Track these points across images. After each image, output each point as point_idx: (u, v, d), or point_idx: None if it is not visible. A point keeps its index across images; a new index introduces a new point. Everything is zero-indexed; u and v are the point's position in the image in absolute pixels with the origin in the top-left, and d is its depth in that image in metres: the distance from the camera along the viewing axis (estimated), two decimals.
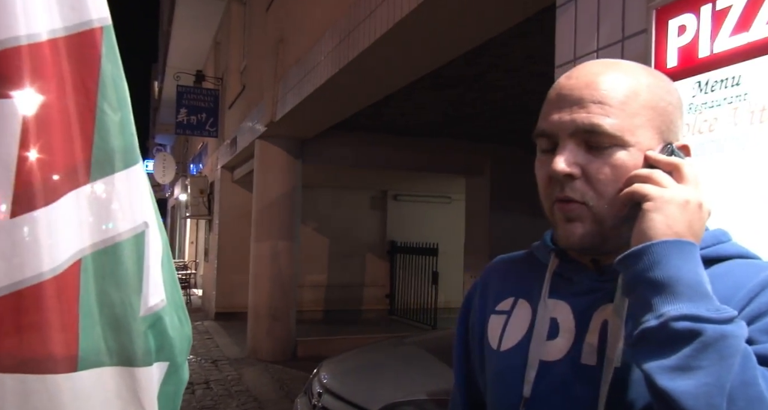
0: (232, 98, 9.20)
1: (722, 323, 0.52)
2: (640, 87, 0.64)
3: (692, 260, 0.56)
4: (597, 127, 0.62)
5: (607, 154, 0.63)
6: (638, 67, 0.67)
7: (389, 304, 10.48)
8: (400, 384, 2.68)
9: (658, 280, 0.55)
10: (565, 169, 0.64)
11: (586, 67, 0.67)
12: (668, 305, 0.54)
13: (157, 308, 1.00)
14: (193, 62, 12.09)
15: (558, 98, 0.67)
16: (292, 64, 5.60)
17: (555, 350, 0.69)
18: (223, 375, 6.00)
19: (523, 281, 0.78)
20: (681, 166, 0.62)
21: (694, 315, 0.53)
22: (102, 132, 0.89)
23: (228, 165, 9.44)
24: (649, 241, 0.57)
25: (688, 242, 0.57)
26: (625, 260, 0.59)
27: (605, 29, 1.67)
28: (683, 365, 0.52)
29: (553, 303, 0.72)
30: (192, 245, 15.79)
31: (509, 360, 0.73)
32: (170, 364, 1.05)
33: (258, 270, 6.81)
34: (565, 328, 0.69)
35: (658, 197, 0.59)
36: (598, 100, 0.63)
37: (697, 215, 0.60)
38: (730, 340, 0.52)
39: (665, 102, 0.65)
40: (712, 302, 0.54)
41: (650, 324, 0.54)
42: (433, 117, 6.34)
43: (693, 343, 0.52)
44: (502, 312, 0.78)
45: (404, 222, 10.71)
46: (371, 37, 3.62)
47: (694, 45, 1.19)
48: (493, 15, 2.99)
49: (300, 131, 6.44)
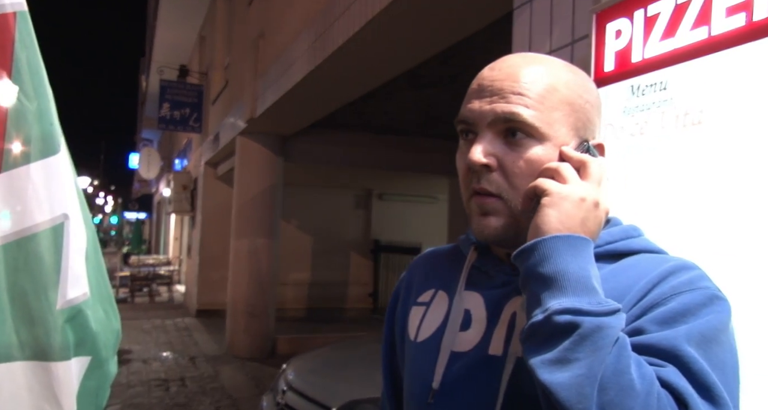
0: (215, 94, 9.15)
1: (600, 315, 0.53)
2: (560, 83, 0.65)
3: (581, 256, 0.57)
4: (516, 115, 0.63)
5: (523, 147, 0.64)
6: (559, 64, 0.68)
7: (372, 303, 10.48)
8: (363, 382, 2.69)
9: (547, 275, 0.57)
10: (481, 159, 0.64)
11: (509, 59, 0.68)
12: (553, 299, 0.55)
13: (77, 301, 1.00)
14: (178, 57, 12.00)
15: (479, 88, 0.67)
16: (271, 60, 5.59)
17: (466, 341, 0.70)
18: (200, 372, 5.98)
19: (446, 273, 0.78)
20: (588, 163, 0.63)
21: (574, 309, 0.54)
22: (15, 121, 0.88)
23: (211, 161, 9.39)
24: (541, 236, 0.58)
25: (580, 238, 0.58)
26: (519, 256, 0.60)
27: (557, 32, 1.68)
28: (561, 358, 0.53)
29: (468, 295, 0.72)
30: (176, 241, 15.69)
31: (423, 351, 0.74)
32: (93, 358, 1.04)
33: (237, 267, 6.78)
34: (477, 320, 0.70)
35: (555, 193, 0.60)
36: (518, 92, 0.64)
37: (593, 212, 0.60)
38: (605, 331, 0.53)
39: (583, 100, 0.66)
40: (595, 296, 0.55)
41: (536, 319, 0.56)
42: (415, 116, 6.35)
43: (571, 336, 0.53)
44: (422, 304, 0.79)
45: (389, 221, 10.71)
46: (346, 34, 3.62)
47: (628, 50, 1.21)
48: (464, 14, 3.00)
49: (280, 127, 6.43)
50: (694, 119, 1.03)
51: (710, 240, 1.01)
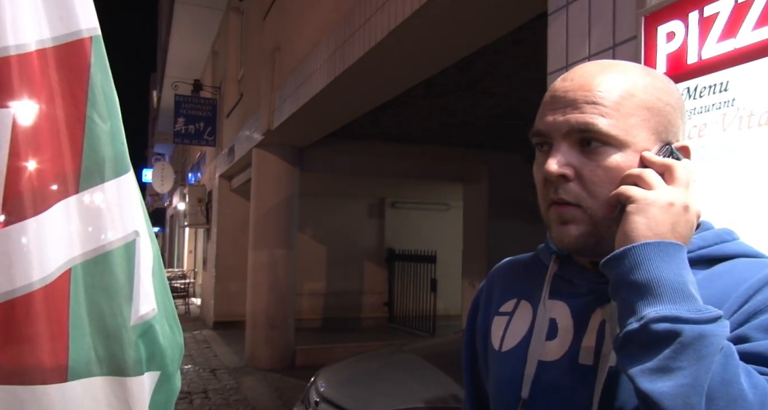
0: (229, 107, 9.23)
1: (701, 323, 0.52)
2: (636, 87, 0.64)
3: (675, 262, 0.56)
4: (591, 126, 0.62)
5: (601, 155, 0.63)
6: (635, 68, 0.67)
7: (388, 312, 10.44)
8: (397, 392, 2.67)
9: (640, 282, 0.55)
10: (557, 170, 0.64)
11: (582, 68, 0.67)
12: (649, 307, 0.54)
13: (148, 317, 1.00)
14: (191, 71, 12.13)
15: (552, 100, 0.67)
16: (288, 72, 5.63)
17: (553, 350, 0.69)
18: (222, 384, 5.97)
19: (527, 283, 0.78)
20: (673, 167, 0.61)
21: (673, 316, 0.52)
22: (92, 141, 0.89)
23: (226, 174, 9.45)
24: (630, 244, 0.57)
25: (671, 244, 0.57)
26: (608, 264, 0.59)
27: (596, 36, 1.68)
28: (663, 367, 0.52)
29: (552, 304, 0.72)
30: (191, 254, 15.76)
31: (509, 361, 0.74)
32: (162, 373, 1.04)
33: (256, 279, 6.79)
34: (564, 329, 0.69)
35: (641, 199, 0.59)
36: (592, 101, 0.63)
37: (683, 217, 0.59)
38: (709, 339, 0.51)
39: (662, 102, 0.65)
40: (693, 303, 0.54)
41: (632, 327, 0.54)
42: (430, 125, 6.36)
43: (672, 344, 0.52)
44: (504, 313, 0.78)
45: (402, 230, 10.70)
46: (366, 45, 3.64)
47: (682, 51, 1.20)
48: (486, 22, 3.01)
49: (297, 139, 6.46)
50: (760, 120, 1.02)
51: None
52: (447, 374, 2.77)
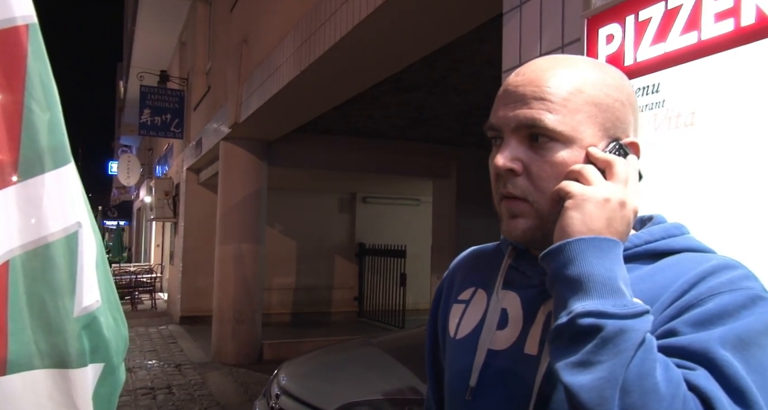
0: (197, 99, 9.09)
1: (624, 318, 0.53)
2: (585, 83, 0.64)
3: (608, 257, 0.57)
4: (538, 121, 0.63)
5: (548, 151, 0.64)
6: (586, 63, 0.67)
7: (357, 306, 10.47)
8: (357, 384, 2.70)
9: (572, 277, 0.57)
10: (506, 164, 0.65)
11: (534, 63, 0.68)
12: (578, 302, 0.55)
13: (92, 308, 1.00)
14: (157, 62, 11.88)
15: (504, 94, 0.67)
16: (255, 65, 5.58)
17: (503, 339, 0.70)
18: (187, 379, 5.92)
19: (485, 272, 0.79)
20: (613, 163, 0.62)
21: (598, 311, 0.53)
22: (30, 131, 0.89)
23: (193, 167, 9.31)
24: (566, 239, 0.59)
25: (605, 239, 0.58)
26: (545, 258, 0.60)
27: (547, 36, 1.73)
28: (584, 360, 0.53)
29: (505, 294, 0.73)
30: (158, 248, 15.49)
31: (462, 348, 0.75)
32: (106, 365, 1.04)
33: (223, 273, 6.74)
34: (514, 319, 0.71)
35: (578, 195, 0.60)
36: (540, 97, 0.63)
37: (618, 213, 0.60)
38: (629, 334, 0.52)
39: (611, 98, 0.65)
40: (620, 299, 0.55)
41: (561, 321, 0.56)
42: (399, 120, 6.39)
43: (595, 339, 0.53)
44: (462, 301, 0.80)
45: (373, 224, 10.72)
46: (332, 39, 3.64)
47: (620, 53, 1.25)
48: (450, 19, 3.05)
49: (265, 132, 6.41)
50: (686, 121, 1.08)
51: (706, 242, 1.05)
52: (407, 366, 2.82)
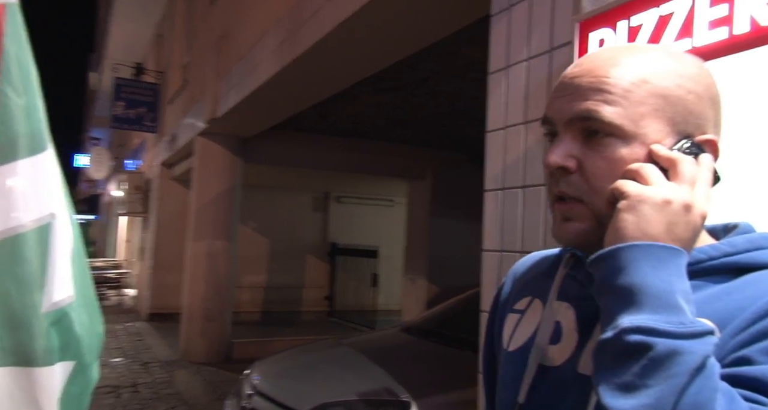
0: (173, 93, 8.92)
1: (679, 338, 0.47)
2: (652, 73, 0.58)
3: (665, 268, 0.50)
4: (594, 113, 0.57)
5: (605, 147, 0.58)
6: (657, 52, 0.60)
7: (329, 306, 10.42)
8: (331, 385, 2.67)
9: (621, 288, 0.51)
10: (557, 161, 0.59)
11: (596, 53, 0.62)
12: (626, 315, 0.49)
13: (63, 304, 0.95)
14: (133, 54, 11.63)
15: (560, 86, 0.62)
16: (235, 61, 5.49)
17: (556, 355, 0.65)
18: (153, 377, 5.78)
19: (542, 280, 0.73)
20: (677, 161, 0.55)
21: (648, 328, 0.47)
22: (4, 116, 0.84)
23: (167, 162, 9.13)
24: (617, 244, 0.52)
25: (665, 247, 0.51)
26: (593, 264, 0.54)
27: (536, 39, 1.73)
28: (628, 383, 0.47)
29: (559, 306, 0.67)
30: (127, 243, 15.15)
31: (513, 362, 0.70)
32: (77, 363, 1.00)
33: (194, 270, 6.62)
34: (568, 333, 0.65)
35: (634, 195, 0.53)
36: (598, 88, 0.58)
37: (682, 217, 0.53)
38: (683, 357, 0.46)
39: (684, 90, 0.58)
40: (677, 315, 0.48)
41: (606, 336, 0.50)
42: (378, 120, 6.37)
43: (642, 359, 0.47)
44: (517, 311, 0.74)
45: (346, 224, 10.70)
46: (315, 36, 3.60)
47: None
48: (435, 20, 3.05)
49: (242, 129, 6.32)
50: None
51: None
52: (382, 367, 2.80)
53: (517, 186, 1.74)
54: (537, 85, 1.70)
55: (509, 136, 1.80)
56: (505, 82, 1.84)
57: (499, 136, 1.84)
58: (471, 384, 2.27)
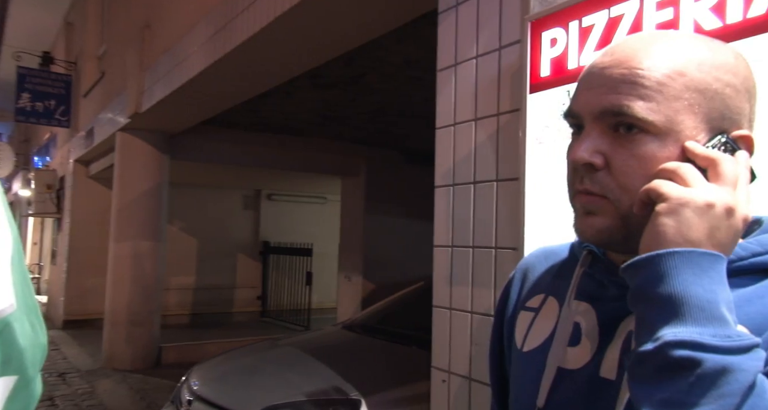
0: (88, 86, 8.34)
1: (729, 353, 0.44)
2: (688, 65, 0.54)
3: (708, 276, 0.48)
4: (625, 108, 0.53)
5: (636, 143, 0.54)
6: (693, 40, 0.57)
7: (261, 306, 10.21)
8: (277, 386, 2.61)
9: (662, 297, 0.48)
10: (584, 157, 0.55)
11: (628, 40, 0.58)
12: (668, 327, 0.47)
13: (4, 313, 0.86)
14: (38, 42, 10.77)
15: (588, 77, 0.57)
16: (160, 52, 5.22)
17: (575, 358, 0.62)
18: (72, 389, 5.41)
19: (557, 277, 0.70)
20: (718, 161, 0.52)
21: (694, 342, 0.45)
22: None
23: (83, 159, 8.55)
24: (657, 250, 0.49)
25: (706, 254, 0.48)
26: (629, 270, 0.51)
27: (484, 37, 1.76)
28: (675, 400, 0.45)
29: (578, 306, 0.64)
30: (35, 246, 14.06)
31: (529, 363, 0.67)
32: (19, 378, 0.90)
33: (117, 273, 6.25)
34: (588, 335, 0.62)
35: (675, 198, 0.50)
36: (631, 80, 0.54)
37: (724, 221, 0.50)
38: (735, 375, 0.44)
39: (721, 83, 0.54)
40: (723, 328, 0.46)
41: (646, 348, 0.47)
42: (311, 117, 6.29)
43: (690, 376, 0.44)
44: (531, 309, 0.71)
45: (278, 222, 10.51)
46: (250, 29, 3.49)
47: (564, 57, 1.31)
48: (374, 16, 3.04)
49: (168, 124, 6.03)
50: None
51: None
52: (328, 366, 2.77)
53: (468, 182, 1.77)
54: (486, 82, 1.73)
55: (459, 132, 1.83)
56: (453, 80, 1.86)
57: (449, 132, 1.87)
58: (419, 378, 2.29)
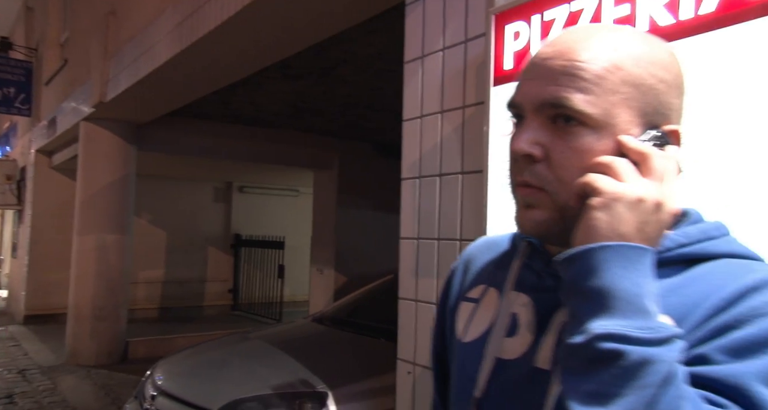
0: (50, 73, 8.08)
1: (651, 344, 0.46)
2: (625, 59, 0.55)
3: (636, 269, 0.49)
4: (564, 101, 0.54)
5: (574, 136, 0.55)
6: (631, 36, 0.58)
7: (232, 299, 10.11)
8: (244, 380, 2.59)
9: (592, 290, 0.49)
10: (524, 148, 0.56)
11: (569, 33, 0.59)
12: (597, 320, 0.48)
13: None
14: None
15: (530, 68, 0.58)
16: (126, 40, 5.09)
17: (512, 348, 0.63)
18: (33, 386, 5.27)
19: (497, 269, 0.71)
20: (649, 156, 0.53)
21: (619, 335, 0.47)
22: None
23: (45, 149, 8.29)
24: (589, 244, 0.51)
25: (636, 248, 0.50)
26: (563, 263, 0.52)
27: (451, 29, 1.76)
28: (599, 391, 0.46)
29: (516, 297, 0.65)
30: None
31: (469, 354, 0.67)
32: None
33: (81, 266, 6.10)
34: (525, 326, 0.63)
35: (608, 193, 0.51)
36: (570, 72, 0.54)
37: (654, 216, 0.52)
38: (655, 366, 0.46)
39: (656, 79, 0.56)
40: (648, 320, 0.48)
41: (576, 340, 0.49)
42: (283, 109, 6.22)
43: (614, 367, 0.46)
44: (471, 300, 0.71)
45: (250, 215, 10.40)
46: (219, 18, 3.43)
47: (527, 50, 1.32)
48: (345, 7, 3.01)
49: (135, 114, 5.89)
50: None
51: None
52: (296, 359, 2.76)
53: (434, 174, 1.78)
54: (452, 75, 1.74)
55: (425, 125, 1.83)
56: (420, 72, 1.86)
57: (416, 125, 1.87)
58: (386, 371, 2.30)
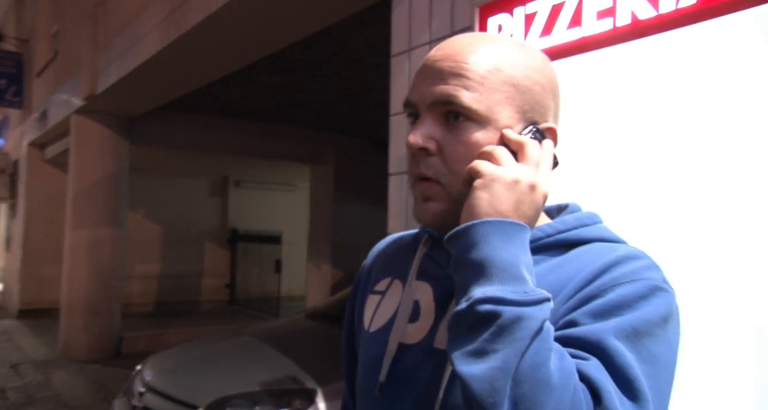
0: (41, 65, 8.02)
1: (522, 305, 0.51)
2: (505, 63, 0.62)
3: (512, 242, 0.55)
4: (453, 98, 0.60)
5: (463, 131, 0.61)
6: (510, 44, 0.65)
7: (229, 294, 10.09)
8: (232, 377, 2.58)
9: (474, 262, 0.54)
10: (418, 142, 0.62)
11: (456, 39, 0.65)
12: (478, 287, 0.53)
13: None
14: None
15: (423, 69, 0.64)
16: (116, 31, 5.04)
17: (414, 333, 0.67)
18: (25, 380, 5.25)
19: (402, 261, 0.75)
20: (525, 145, 0.60)
21: (496, 298, 0.52)
22: None
23: (37, 142, 8.25)
24: (472, 220, 0.56)
25: (512, 223, 0.56)
26: (450, 241, 0.58)
27: (437, 22, 1.73)
28: (480, 349, 0.51)
29: (418, 286, 0.70)
30: None
31: (374, 342, 0.71)
32: None
33: (74, 260, 6.08)
34: (426, 311, 0.68)
35: (487, 174, 0.58)
36: (458, 73, 0.61)
37: (528, 196, 0.58)
38: (525, 322, 0.51)
39: (531, 81, 0.63)
40: (521, 285, 0.53)
41: (460, 307, 0.53)
42: (277, 102, 6.18)
43: (491, 326, 0.51)
44: (378, 292, 0.76)
45: (247, 210, 10.36)
46: (207, 9, 3.38)
47: None
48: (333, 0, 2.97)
49: (127, 107, 5.84)
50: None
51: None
52: (286, 355, 2.74)
53: None
54: None
55: None
56: (407, 65, 1.83)
57: (403, 120, 1.84)
58: None
